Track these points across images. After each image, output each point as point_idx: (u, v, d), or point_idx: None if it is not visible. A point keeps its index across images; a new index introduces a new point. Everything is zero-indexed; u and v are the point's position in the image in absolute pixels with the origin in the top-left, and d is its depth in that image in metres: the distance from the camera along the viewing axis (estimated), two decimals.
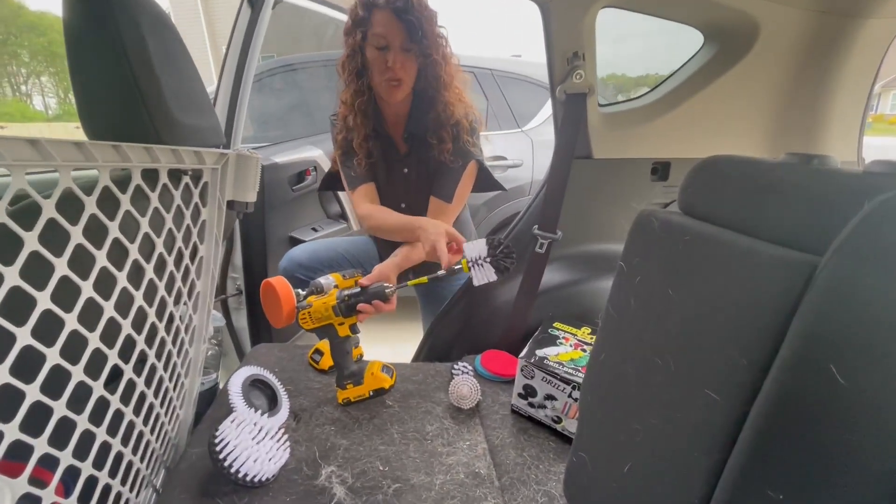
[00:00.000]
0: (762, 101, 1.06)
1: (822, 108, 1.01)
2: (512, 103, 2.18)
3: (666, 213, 0.48)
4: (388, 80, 1.01)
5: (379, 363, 0.96)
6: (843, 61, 0.98)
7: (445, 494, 0.70)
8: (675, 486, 0.39)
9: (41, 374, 0.44)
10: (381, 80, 1.02)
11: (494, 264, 0.85)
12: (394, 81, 1.02)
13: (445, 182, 1.12)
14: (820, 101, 1.00)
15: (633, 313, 0.49)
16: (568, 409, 0.82)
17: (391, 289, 0.89)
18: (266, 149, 1.67)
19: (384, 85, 1.03)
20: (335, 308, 0.88)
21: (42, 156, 0.42)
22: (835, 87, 0.99)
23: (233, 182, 0.76)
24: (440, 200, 1.13)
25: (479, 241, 0.85)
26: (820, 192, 0.35)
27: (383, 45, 1.00)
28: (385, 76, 1.01)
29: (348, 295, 0.89)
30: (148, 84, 0.61)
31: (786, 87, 1.02)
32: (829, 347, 0.28)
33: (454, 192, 1.12)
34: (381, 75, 1.02)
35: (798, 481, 0.29)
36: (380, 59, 1.01)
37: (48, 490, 0.46)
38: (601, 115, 1.09)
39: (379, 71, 1.02)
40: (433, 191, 1.15)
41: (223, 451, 0.65)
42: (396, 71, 1.00)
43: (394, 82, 1.02)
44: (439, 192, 1.13)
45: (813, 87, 1.00)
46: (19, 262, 0.40)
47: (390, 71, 1.00)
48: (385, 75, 1.01)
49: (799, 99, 1.03)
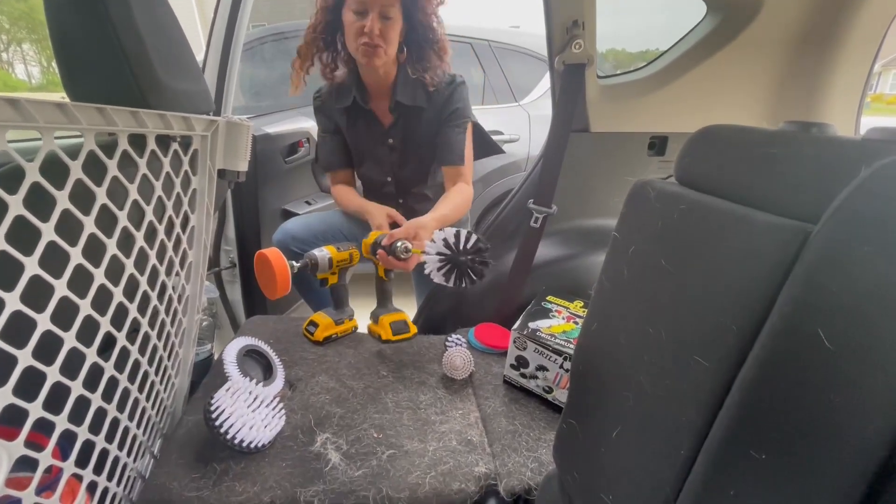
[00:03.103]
0: (762, 75, 1.04)
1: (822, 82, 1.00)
2: (510, 76, 2.13)
3: (662, 182, 0.48)
4: (365, 45, 0.99)
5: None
6: (845, 33, 0.96)
7: (438, 460, 0.72)
8: (663, 448, 0.40)
9: (32, 339, 0.43)
10: (357, 44, 0.99)
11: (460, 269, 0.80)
12: (370, 47, 0.99)
13: (450, 146, 1.12)
14: (821, 75, 0.99)
15: (625, 283, 0.49)
16: (559, 379, 0.83)
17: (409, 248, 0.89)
18: (257, 119, 1.64)
19: (361, 49, 1.00)
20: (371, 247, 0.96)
21: (23, 117, 0.41)
22: (836, 61, 0.97)
23: (223, 150, 0.74)
24: (451, 166, 1.12)
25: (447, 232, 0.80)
26: (817, 160, 0.34)
27: (361, 9, 0.97)
28: (360, 41, 0.98)
29: (377, 242, 0.93)
30: (133, 46, 0.59)
31: (787, 60, 1.01)
32: (818, 312, 0.29)
33: (462, 153, 1.12)
34: (355, 40, 0.99)
35: (781, 442, 0.30)
36: (356, 24, 0.98)
37: (45, 453, 0.46)
38: (600, 87, 1.07)
39: (354, 36, 0.99)
40: (440, 160, 1.14)
41: (219, 419, 0.66)
42: (374, 38, 0.97)
43: (370, 48, 0.99)
44: (448, 157, 1.12)
45: (814, 60, 0.99)
46: (4, 226, 0.39)
47: (366, 37, 0.97)
48: (360, 40, 0.98)
49: (799, 72, 1.01)
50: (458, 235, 0.80)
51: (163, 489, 0.64)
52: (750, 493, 0.32)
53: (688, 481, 0.37)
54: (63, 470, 0.51)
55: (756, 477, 0.32)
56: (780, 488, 0.30)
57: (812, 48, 0.99)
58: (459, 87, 1.11)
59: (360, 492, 0.65)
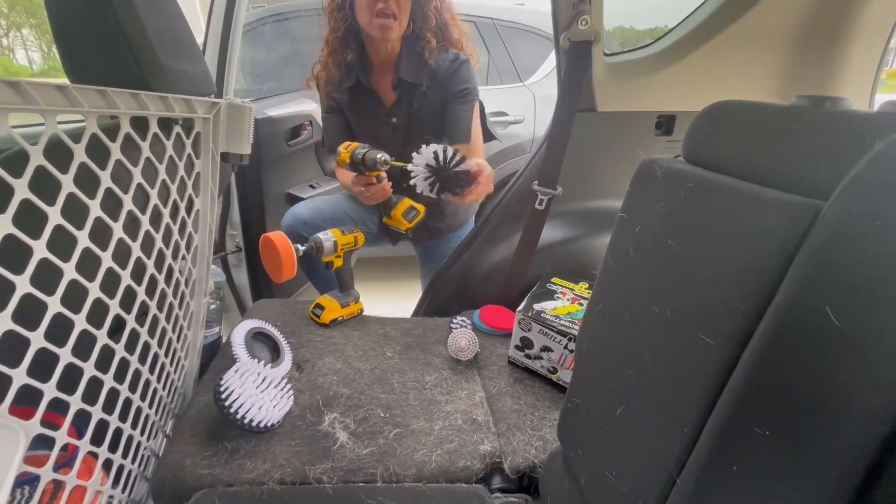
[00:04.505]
0: (774, 50, 1.01)
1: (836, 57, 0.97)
2: (514, 56, 2.09)
3: (669, 160, 0.47)
4: (381, 12, 0.97)
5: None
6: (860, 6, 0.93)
7: (444, 439, 0.73)
8: (666, 426, 0.40)
9: (44, 321, 0.44)
10: (371, 15, 0.97)
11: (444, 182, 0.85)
12: (387, 17, 0.97)
13: (459, 125, 1.11)
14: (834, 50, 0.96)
15: (631, 263, 0.49)
16: (564, 360, 0.84)
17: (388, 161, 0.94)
18: (259, 101, 1.63)
19: (375, 23, 0.98)
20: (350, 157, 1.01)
21: (24, 99, 0.41)
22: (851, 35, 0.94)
23: (226, 133, 0.74)
24: (461, 145, 1.12)
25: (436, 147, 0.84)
26: (829, 134, 0.33)
27: None
28: (378, 6, 0.96)
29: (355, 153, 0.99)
30: (132, 27, 0.58)
31: (800, 35, 0.98)
32: (826, 289, 0.28)
33: (470, 131, 1.11)
34: (370, 9, 0.97)
35: (786, 418, 0.30)
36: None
37: (60, 431, 0.48)
38: (607, 65, 1.05)
39: (367, 7, 0.97)
40: (450, 139, 1.14)
41: (228, 399, 0.67)
42: (390, 5, 0.95)
43: (387, 18, 0.97)
44: (456, 136, 1.11)
45: (828, 34, 0.96)
46: (11, 209, 0.40)
47: (382, 2, 0.95)
48: (378, 6, 0.96)
49: (812, 48, 0.98)
50: (445, 151, 0.84)
51: (176, 467, 0.65)
52: (753, 469, 0.32)
53: (691, 457, 0.37)
54: (79, 448, 0.52)
55: (760, 453, 0.32)
56: (783, 463, 0.31)
57: (826, 22, 0.96)
58: (464, 65, 1.09)
59: (367, 469, 0.67)
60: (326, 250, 0.99)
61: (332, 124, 1.21)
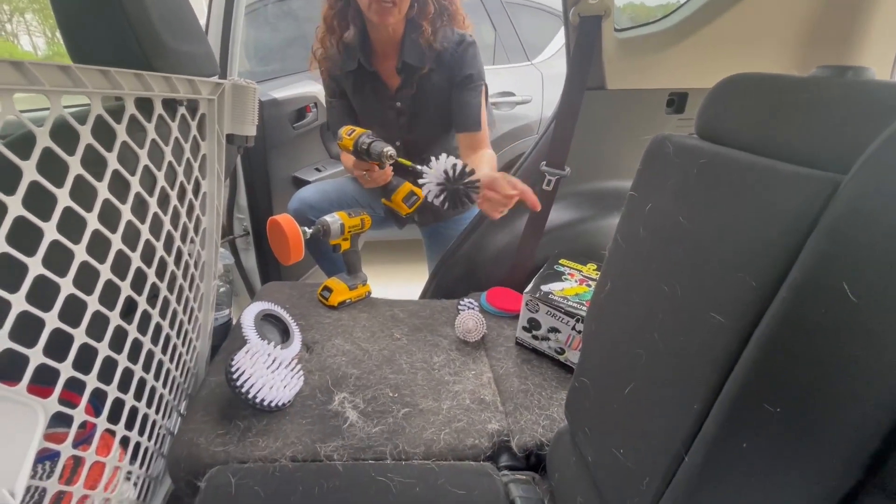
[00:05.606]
0: (792, 22, 0.97)
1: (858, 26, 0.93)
2: (522, 33, 2.04)
3: (681, 136, 0.46)
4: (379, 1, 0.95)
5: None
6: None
7: (452, 418, 0.74)
8: (675, 404, 0.40)
9: (57, 302, 0.45)
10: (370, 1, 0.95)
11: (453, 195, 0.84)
12: (386, 2, 0.95)
13: (467, 113, 1.09)
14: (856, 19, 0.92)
15: (641, 242, 0.49)
16: (571, 340, 0.84)
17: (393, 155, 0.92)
18: (263, 83, 1.61)
19: (374, 7, 0.96)
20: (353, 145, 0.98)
21: (28, 80, 0.41)
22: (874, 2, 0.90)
23: (230, 114, 0.73)
24: (469, 133, 1.11)
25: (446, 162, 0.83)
26: (850, 105, 0.32)
27: None
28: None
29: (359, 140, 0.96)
30: (135, 7, 0.58)
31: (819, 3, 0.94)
32: (843, 265, 0.28)
33: (479, 119, 1.10)
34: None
35: (796, 396, 0.30)
36: None
37: (78, 409, 0.49)
38: (617, 40, 1.02)
39: None
40: (457, 126, 1.12)
41: (239, 379, 0.68)
42: None
43: (386, 2, 0.95)
44: (465, 124, 1.10)
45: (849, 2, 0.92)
46: (21, 191, 0.40)
47: None
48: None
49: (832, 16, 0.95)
50: (455, 167, 0.83)
51: (191, 444, 0.67)
52: (762, 446, 0.32)
53: (699, 435, 0.37)
54: (97, 425, 0.53)
55: (769, 430, 0.32)
56: (793, 440, 0.30)
57: None
58: (470, 48, 1.07)
59: (377, 447, 0.68)
60: (333, 233, 0.99)
61: (336, 108, 1.19)
